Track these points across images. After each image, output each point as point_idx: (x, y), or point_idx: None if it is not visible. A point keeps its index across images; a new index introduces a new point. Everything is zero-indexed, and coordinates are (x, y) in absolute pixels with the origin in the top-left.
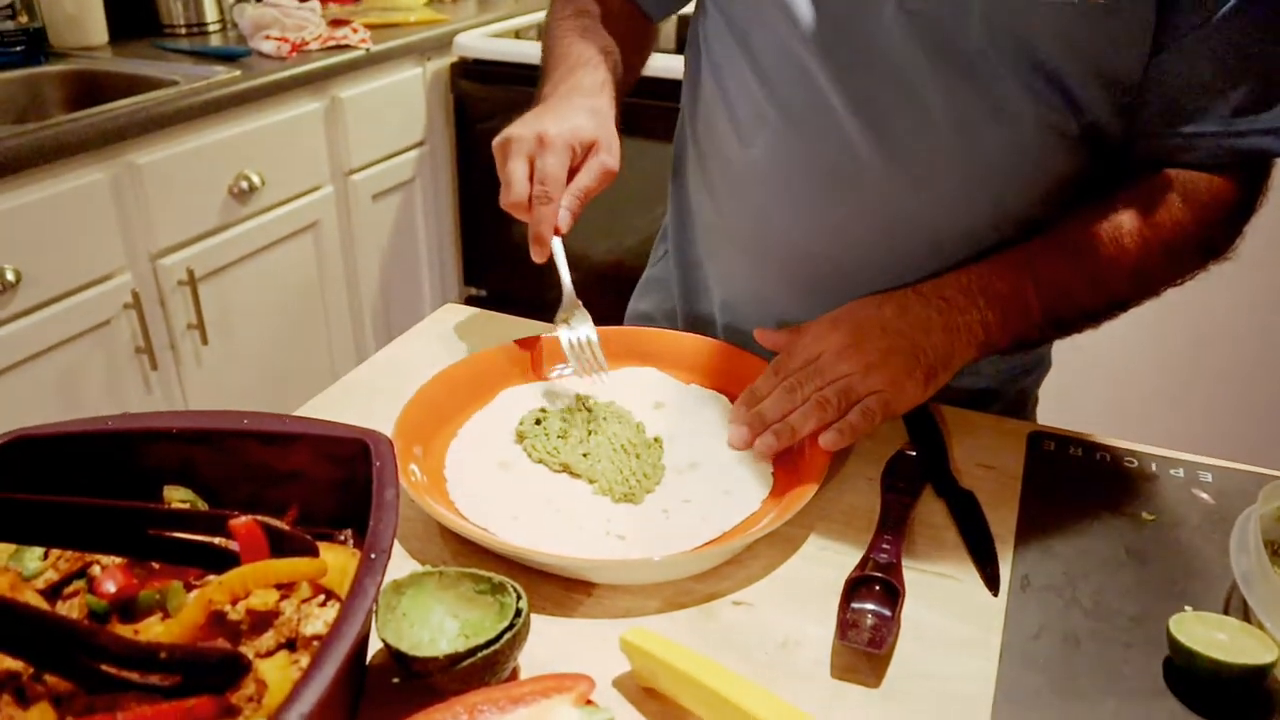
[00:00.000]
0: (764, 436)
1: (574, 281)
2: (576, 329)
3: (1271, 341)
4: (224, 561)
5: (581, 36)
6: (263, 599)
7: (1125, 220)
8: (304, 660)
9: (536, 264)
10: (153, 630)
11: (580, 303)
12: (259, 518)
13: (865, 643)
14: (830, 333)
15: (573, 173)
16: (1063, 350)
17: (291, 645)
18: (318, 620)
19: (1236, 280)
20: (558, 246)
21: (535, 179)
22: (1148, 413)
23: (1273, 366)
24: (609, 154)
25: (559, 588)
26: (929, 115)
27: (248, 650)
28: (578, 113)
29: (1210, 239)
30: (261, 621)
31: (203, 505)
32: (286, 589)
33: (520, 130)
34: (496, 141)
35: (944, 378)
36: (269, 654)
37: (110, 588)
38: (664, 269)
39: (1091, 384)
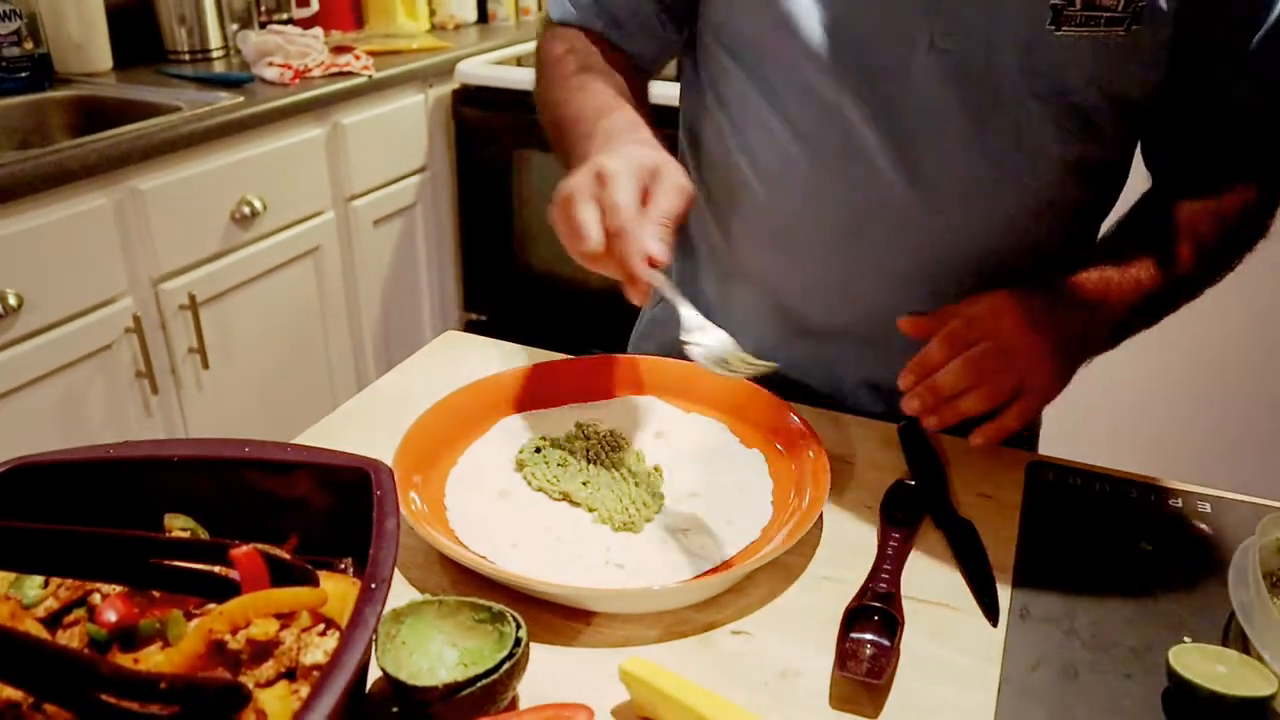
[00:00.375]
0: (929, 418)
1: (575, 307)
2: (710, 345)
3: (1272, 372)
4: (225, 590)
5: (602, 83)
6: (263, 628)
7: (1196, 226)
8: (304, 690)
9: (636, 305)
10: (153, 659)
11: (704, 320)
12: (259, 546)
13: (864, 673)
14: (1011, 310)
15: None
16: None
17: (291, 675)
18: (318, 650)
19: (1240, 309)
20: (657, 278)
21: (606, 216)
22: (1146, 443)
23: (1273, 396)
24: (679, 173)
25: (558, 617)
26: (960, 151)
27: (247, 680)
28: (629, 146)
29: (1255, 230)
30: (261, 651)
31: (203, 533)
32: (287, 618)
33: (575, 180)
34: (557, 202)
35: (1065, 386)
36: (269, 684)
37: (110, 617)
38: (666, 310)
39: (1091, 414)
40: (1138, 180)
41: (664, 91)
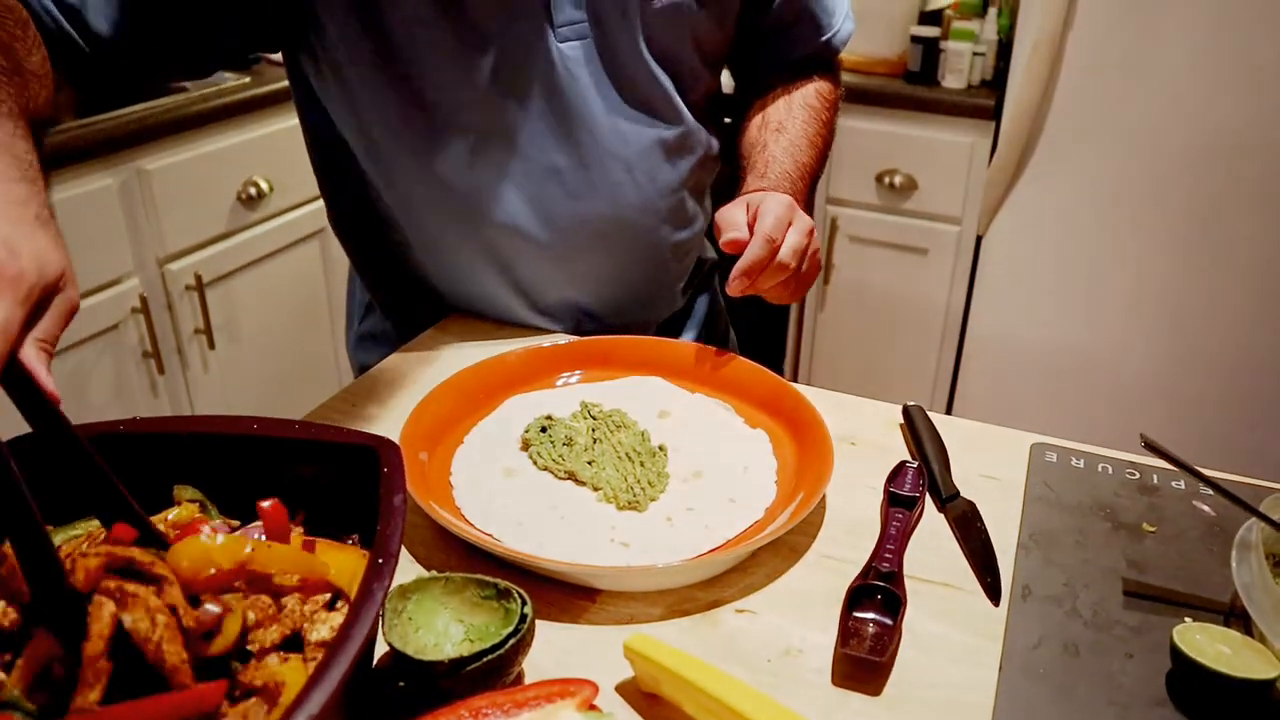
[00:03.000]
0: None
1: None
2: None
3: (1274, 354)
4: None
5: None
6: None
7: (808, 100)
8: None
9: None
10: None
11: None
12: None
13: (867, 651)
14: (790, 205)
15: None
16: (1065, 362)
17: (297, 641)
18: (325, 625)
19: (1242, 293)
20: None
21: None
22: (1149, 424)
23: (1274, 379)
24: (74, 286)
25: (563, 594)
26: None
27: (255, 642)
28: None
29: (837, 95)
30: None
31: (212, 505)
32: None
33: None
34: None
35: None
36: (274, 646)
37: None
38: (377, 322)
39: (1094, 396)
40: None
41: None
